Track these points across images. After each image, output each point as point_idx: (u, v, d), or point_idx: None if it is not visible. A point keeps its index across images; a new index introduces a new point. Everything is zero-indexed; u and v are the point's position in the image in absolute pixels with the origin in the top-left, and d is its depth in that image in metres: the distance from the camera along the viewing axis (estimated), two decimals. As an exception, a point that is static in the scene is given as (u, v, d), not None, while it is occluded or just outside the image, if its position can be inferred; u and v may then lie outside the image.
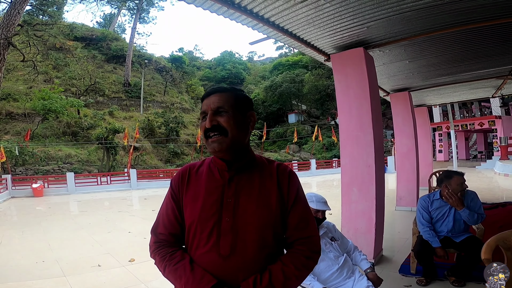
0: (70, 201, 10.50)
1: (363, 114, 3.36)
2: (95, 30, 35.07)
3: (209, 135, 0.97)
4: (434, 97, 7.89)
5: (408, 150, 6.24)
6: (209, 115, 0.97)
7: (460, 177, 2.73)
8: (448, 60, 4.51)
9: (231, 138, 0.97)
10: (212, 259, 0.96)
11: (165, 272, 1.00)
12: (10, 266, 3.78)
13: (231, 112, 0.97)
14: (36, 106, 19.99)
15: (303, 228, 1.02)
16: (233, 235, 0.96)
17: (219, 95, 0.99)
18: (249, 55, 59.98)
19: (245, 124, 1.02)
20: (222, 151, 0.97)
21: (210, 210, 0.98)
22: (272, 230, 0.99)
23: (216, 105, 0.97)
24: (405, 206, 6.11)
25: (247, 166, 1.04)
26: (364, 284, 1.85)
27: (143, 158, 21.52)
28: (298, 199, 1.04)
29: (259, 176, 1.03)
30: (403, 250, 3.77)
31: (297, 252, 0.99)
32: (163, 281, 3.20)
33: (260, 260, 0.97)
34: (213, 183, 1.02)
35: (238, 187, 1.00)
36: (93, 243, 4.87)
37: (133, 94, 29.11)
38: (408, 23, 3.07)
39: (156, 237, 1.07)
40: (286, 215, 1.02)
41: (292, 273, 0.95)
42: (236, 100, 1.00)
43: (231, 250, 0.95)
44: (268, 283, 0.92)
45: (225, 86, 1.07)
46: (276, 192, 1.01)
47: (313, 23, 3.00)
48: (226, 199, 0.99)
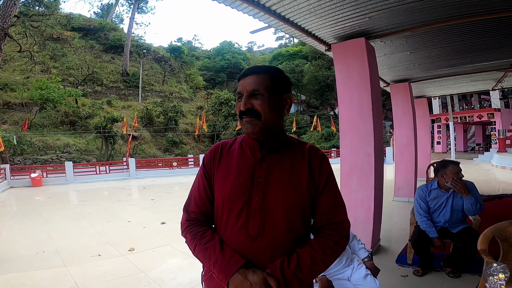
0: (69, 190, 10.51)
1: (364, 104, 3.35)
2: (92, 20, 34.53)
3: (242, 116, 0.97)
4: (434, 89, 7.86)
5: (407, 141, 6.26)
6: (244, 97, 0.96)
7: (456, 166, 2.73)
8: (450, 52, 4.47)
9: (264, 122, 0.96)
10: (240, 239, 0.96)
11: (195, 251, 1.00)
12: (10, 257, 3.80)
13: (266, 95, 0.96)
14: (34, 96, 19.88)
15: (334, 213, 1.02)
16: (262, 216, 0.96)
17: (256, 76, 0.97)
18: (249, 45, 59.25)
19: (280, 107, 1.00)
20: (255, 133, 0.97)
21: (240, 189, 0.98)
22: (301, 213, 0.99)
23: (252, 87, 0.96)
24: (403, 197, 6.17)
25: (279, 147, 1.03)
26: (362, 273, 1.87)
27: (141, 147, 21.52)
28: (329, 183, 1.02)
29: (291, 157, 1.02)
30: (400, 240, 3.81)
31: (326, 237, 0.98)
32: (162, 271, 3.28)
33: (287, 243, 0.97)
34: (244, 162, 1.02)
35: (269, 167, 1.00)
36: (93, 233, 4.89)
37: (132, 83, 28.90)
38: (410, 14, 3.02)
39: (188, 215, 1.07)
40: (316, 198, 1.01)
41: (320, 258, 0.94)
42: (272, 82, 0.98)
43: (259, 231, 0.95)
44: (296, 267, 0.91)
45: (263, 66, 1.04)
46: (307, 174, 1.00)
47: (315, 12, 2.95)
48: (257, 179, 0.98)
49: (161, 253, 3.87)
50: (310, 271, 0.93)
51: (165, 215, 6.04)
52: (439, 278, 2.74)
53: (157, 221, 5.53)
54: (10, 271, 3.34)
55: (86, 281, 3.03)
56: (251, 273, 0.90)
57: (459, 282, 2.65)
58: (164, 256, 3.78)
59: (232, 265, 0.91)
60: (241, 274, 0.90)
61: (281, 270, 0.90)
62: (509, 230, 2.06)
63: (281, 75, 1.02)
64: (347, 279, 1.91)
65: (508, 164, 11.46)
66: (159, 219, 5.63)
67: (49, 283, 3.03)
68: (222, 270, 0.91)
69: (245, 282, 0.88)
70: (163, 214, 6.17)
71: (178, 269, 3.36)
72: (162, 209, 6.70)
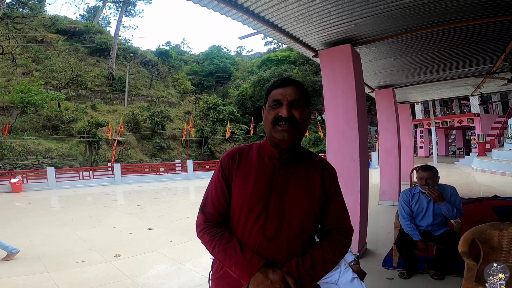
0: (51, 196, 10.18)
1: (349, 109, 3.42)
2: (78, 23, 33.84)
3: (279, 123, 1.02)
4: (417, 94, 8.10)
5: (391, 146, 6.41)
6: (286, 104, 1.02)
7: (421, 171, 2.82)
8: (432, 58, 4.64)
9: (299, 130, 1.05)
10: (258, 240, 1.03)
11: (213, 251, 1.05)
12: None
13: (303, 106, 1.06)
14: (15, 99, 19.21)
15: (341, 219, 1.13)
16: (279, 218, 1.04)
17: (296, 88, 1.06)
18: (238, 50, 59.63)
19: (308, 119, 1.11)
20: (291, 141, 1.04)
21: (260, 194, 1.05)
22: (313, 217, 1.09)
23: (293, 98, 1.04)
24: (388, 201, 6.28)
25: (296, 157, 1.12)
26: (349, 276, 1.90)
27: (127, 152, 21.11)
28: (337, 192, 1.15)
29: (305, 166, 1.12)
30: (386, 243, 3.88)
31: (335, 240, 1.09)
32: (150, 276, 3.22)
33: (301, 243, 1.06)
34: (263, 168, 1.09)
35: (287, 175, 1.08)
36: (76, 239, 4.75)
37: (118, 87, 28.40)
38: (394, 21, 3.13)
39: (205, 216, 1.10)
40: (326, 205, 1.12)
41: (331, 259, 1.04)
42: (305, 95, 1.08)
43: (276, 232, 1.03)
44: (310, 266, 1.00)
45: (295, 80, 1.11)
46: (319, 183, 1.11)
47: (303, 19, 3.01)
48: (275, 185, 1.06)
49: (148, 259, 3.79)
50: (321, 270, 1.02)
51: (152, 221, 5.93)
52: (423, 280, 2.80)
53: (144, 227, 5.42)
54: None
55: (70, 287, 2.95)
56: (271, 272, 0.97)
57: (443, 283, 2.71)
58: (151, 262, 3.71)
59: (254, 265, 0.98)
60: (262, 273, 0.97)
61: (297, 269, 0.99)
62: (489, 232, 2.13)
63: (307, 92, 1.12)
64: (335, 283, 1.93)
65: (488, 168, 11.87)
66: (145, 225, 5.52)
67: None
68: (244, 270, 0.98)
69: (266, 280, 0.95)
70: (150, 220, 6.06)
71: (165, 275, 3.30)
72: (149, 215, 6.58)
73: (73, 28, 31.59)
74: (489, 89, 7.90)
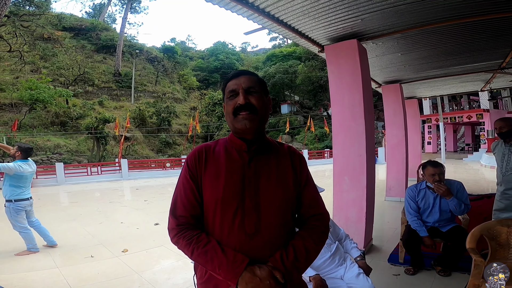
0: (60, 192, 10.35)
1: (356, 104, 3.39)
2: (84, 20, 34.09)
3: (239, 112, 1.01)
4: (425, 90, 7.98)
5: (398, 141, 6.35)
6: (241, 92, 1.02)
7: (432, 167, 2.78)
8: (440, 53, 4.56)
9: (260, 117, 1.04)
10: (239, 238, 1.00)
11: (193, 255, 0.99)
12: (1, 259, 3.75)
13: (260, 93, 1.05)
14: (23, 96, 19.53)
15: (315, 206, 1.13)
16: (256, 214, 1.01)
17: (249, 76, 1.06)
18: (243, 45, 59.33)
19: (268, 106, 1.09)
20: (252, 128, 1.02)
21: (233, 189, 1.02)
22: (290, 207, 1.08)
23: (248, 85, 1.03)
24: (395, 197, 6.24)
25: (264, 148, 1.10)
26: (355, 271, 1.90)
27: (134, 148, 21.32)
28: (308, 179, 1.14)
29: (275, 157, 1.10)
30: (392, 239, 3.86)
31: (313, 228, 1.08)
32: (156, 272, 3.27)
33: (282, 236, 1.04)
34: (233, 163, 1.06)
35: (257, 168, 1.06)
36: (85, 234, 4.84)
37: (124, 84, 28.61)
38: (401, 16, 3.08)
39: (177, 220, 1.04)
40: (300, 194, 1.11)
41: (313, 248, 1.03)
42: (260, 84, 1.08)
43: (256, 228, 1.01)
44: (294, 258, 0.99)
45: (249, 70, 1.13)
46: (291, 172, 1.09)
47: (308, 14, 2.98)
48: (247, 179, 1.03)
49: (155, 254, 3.85)
50: (306, 260, 1.01)
51: (159, 216, 6.00)
52: (430, 276, 2.79)
53: (151, 222, 5.49)
54: (2, 272, 3.29)
55: (79, 283, 3.00)
56: (258, 269, 0.95)
57: (449, 280, 2.70)
58: (158, 257, 3.76)
59: (239, 264, 0.94)
60: (249, 271, 0.93)
61: (282, 262, 0.97)
62: (497, 228, 2.11)
63: (263, 80, 1.12)
64: (340, 278, 1.94)
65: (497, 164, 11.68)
66: (152, 220, 5.59)
67: (41, 285, 2.99)
68: (229, 271, 0.93)
69: (254, 278, 0.92)
70: (157, 215, 6.14)
71: (172, 270, 3.34)
72: (155, 210, 6.66)
73: (80, 26, 31.82)
74: (498, 84, 7.74)
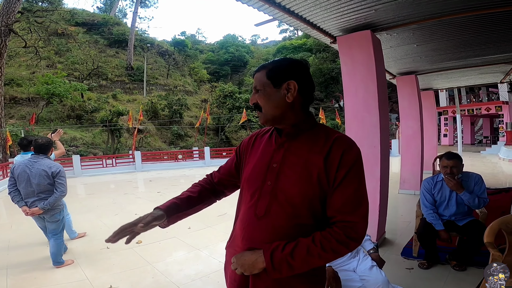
0: (76, 184, 10.62)
1: (370, 95, 3.34)
2: (96, 15, 34.43)
3: None
4: (442, 81, 7.75)
5: (413, 133, 6.22)
6: (252, 93, 1.08)
7: (446, 159, 2.71)
8: (458, 44, 4.40)
9: (265, 113, 1.05)
10: (249, 217, 1.05)
11: None
12: (21, 250, 3.86)
13: (263, 90, 1.04)
14: (40, 91, 20.03)
15: (349, 212, 0.94)
16: (270, 198, 1.01)
17: (256, 74, 1.07)
18: (252, 38, 58.63)
19: (279, 97, 1.02)
20: (264, 124, 1.07)
21: (258, 172, 1.07)
22: (307, 203, 0.97)
23: (255, 84, 1.07)
24: (409, 190, 6.15)
25: (298, 134, 1.06)
26: (368, 264, 1.89)
27: (147, 140, 21.65)
28: (347, 179, 0.95)
29: (309, 146, 1.02)
30: (405, 233, 3.82)
31: (331, 233, 0.93)
32: (169, 263, 3.33)
33: (290, 227, 0.98)
34: (268, 148, 1.10)
35: (286, 154, 1.04)
36: (101, 225, 4.97)
37: (136, 77, 28.93)
38: (417, 7, 2.97)
39: (212, 172, 1.33)
40: (329, 193, 0.97)
41: (317, 252, 0.92)
42: (268, 77, 1.04)
43: (265, 212, 1.01)
44: (289, 253, 0.92)
45: (267, 62, 1.08)
46: (321, 166, 0.96)
47: (320, 5, 2.92)
48: (272, 164, 1.05)
49: (167, 245, 3.94)
50: (303, 261, 0.92)
51: (171, 208, 6.09)
52: (444, 271, 2.75)
53: (164, 214, 5.59)
54: (21, 265, 3.38)
55: (96, 274, 3.10)
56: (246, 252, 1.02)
57: (464, 275, 2.65)
58: (170, 248, 3.85)
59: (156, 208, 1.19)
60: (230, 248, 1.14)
61: (272, 252, 0.94)
62: (516, 223, 2.05)
63: (279, 67, 1.04)
64: (353, 270, 1.94)
65: (516, 157, 11.31)
66: (165, 212, 5.68)
67: (59, 276, 3.09)
68: None
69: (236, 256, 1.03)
70: (169, 207, 6.23)
71: (184, 261, 3.41)
72: (168, 202, 6.75)
73: (92, 21, 32.17)
74: (519, 75, 7.43)
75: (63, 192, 3.18)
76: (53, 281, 2.97)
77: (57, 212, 3.27)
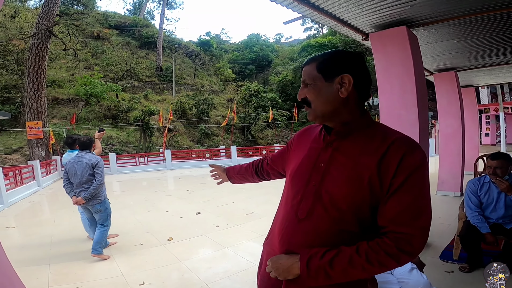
0: (113, 181, 11.13)
1: (407, 92, 3.23)
2: (126, 17, 35.95)
3: None
4: (483, 78, 7.24)
5: (453, 132, 5.88)
6: (300, 88, 1.02)
7: (490, 159, 2.56)
8: (502, 40, 4.11)
9: (314, 109, 0.97)
10: (290, 218, 0.99)
11: None
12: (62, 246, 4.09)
13: (312, 84, 0.97)
14: (79, 92, 21.32)
15: (404, 223, 0.84)
16: (313, 200, 0.94)
17: (305, 68, 1.00)
18: (276, 37, 58.23)
19: (329, 92, 0.93)
20: (312, 120, 1.01)
21: (303, 171, 1.01)
22: (354, 208, 0.89)
23: (303, 78, 1.00)
24: (447, 191, 5.84)
25: (350, 133, 0.96)
26: (408, 266, 1.84)
27: (176, 139, 22.31)
28: (405, 186, 0.84)
29: (362, 146, 0.92)
30: (444, 235, 3.65)
31: (381, 244, 0.84)
32: (196, 261, 3.40)
33: (332, 233, 0.91)
34: (315, 145, 1.04)
35: (334, 154, 0.95)
36: (135, 222, 5.16)
37: (165, 78, 29.89)
38: (457, 2, 2.81)
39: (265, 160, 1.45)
40: (382, 200, 0.87)
41: (360, 264, 0.83)
42: (319, 70, 0.95)
43: (307, 214, 0.95)
44: (328, 261, 0.86)
45: (318, 54, 1.00)
46: (374, 170, 0.86)
47: (351, 1, 2.85)
48: (319, 163, 0.97)
49: (197, 243, 4.03)
50: (343, 271, 0.85)
51: (200, 205, 6.24)
52: (487, 277, 2.58)
53: (193, 211, 5.73)
54: (63, 259, 3.57)
55: (130, 270, 3.22)
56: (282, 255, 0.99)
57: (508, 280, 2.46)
58: (199, 246, 3.93)
59: None
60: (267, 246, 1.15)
61: (308, 259, 0.88)
62: None
63: (331, 59, 0.96)
64: (390, 273, 1.87)
65: None
66: (194, 209, 5.83)
67: (97, 272, 3.24)
68: None
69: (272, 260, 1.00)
70: (198, 204, 6.38)
71: (212, 259, 3.47)
72: (197, 200, 6.91)
73: (123, 23, 33.63)
74: None
75: (100, 182, 3.54)
76: (91, 276, 3.13)
77: (98, 202, 3.61)
